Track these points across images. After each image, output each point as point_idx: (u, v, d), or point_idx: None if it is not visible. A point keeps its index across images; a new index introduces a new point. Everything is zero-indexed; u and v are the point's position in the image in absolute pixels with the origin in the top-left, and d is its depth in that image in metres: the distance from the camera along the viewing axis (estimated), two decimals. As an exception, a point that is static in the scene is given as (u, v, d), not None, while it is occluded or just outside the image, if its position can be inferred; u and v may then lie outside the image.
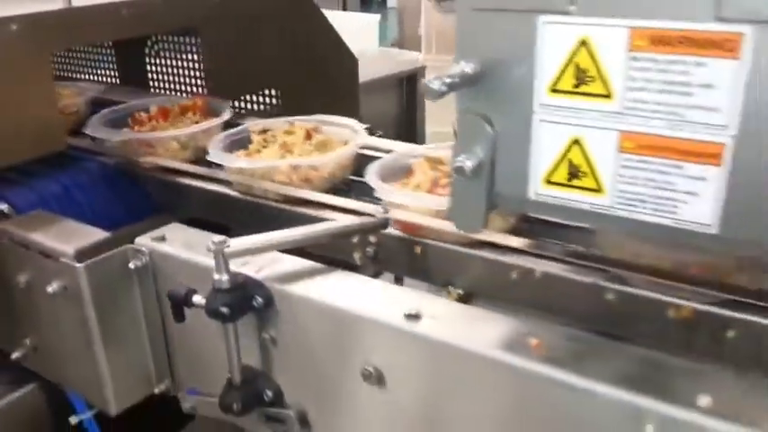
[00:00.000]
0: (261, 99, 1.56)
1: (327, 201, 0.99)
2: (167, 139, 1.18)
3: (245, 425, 0.91)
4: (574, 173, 0.60)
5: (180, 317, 0.86)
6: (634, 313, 0.78)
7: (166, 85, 1.73)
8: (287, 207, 1.02)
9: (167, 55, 1.70)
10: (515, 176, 0.63)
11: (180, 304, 0.84)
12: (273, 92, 1.54)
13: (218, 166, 1.08)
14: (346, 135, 1.15)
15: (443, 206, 0.87)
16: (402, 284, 1.06)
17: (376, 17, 3.57)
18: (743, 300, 0.70)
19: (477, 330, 0.72)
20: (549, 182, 0.62)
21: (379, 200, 0.96)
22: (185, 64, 1.63)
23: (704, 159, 0.54)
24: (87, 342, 0.94)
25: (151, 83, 1.78)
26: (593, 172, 0.59)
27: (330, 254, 0.97)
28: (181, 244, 0.92)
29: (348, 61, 1.58)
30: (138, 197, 1.18)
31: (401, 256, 0.93)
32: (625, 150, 0.57)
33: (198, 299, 0.82)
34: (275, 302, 0.83)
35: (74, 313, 0.93)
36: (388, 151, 1.10)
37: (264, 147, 1.13)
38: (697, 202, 0.55)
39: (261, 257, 0.87)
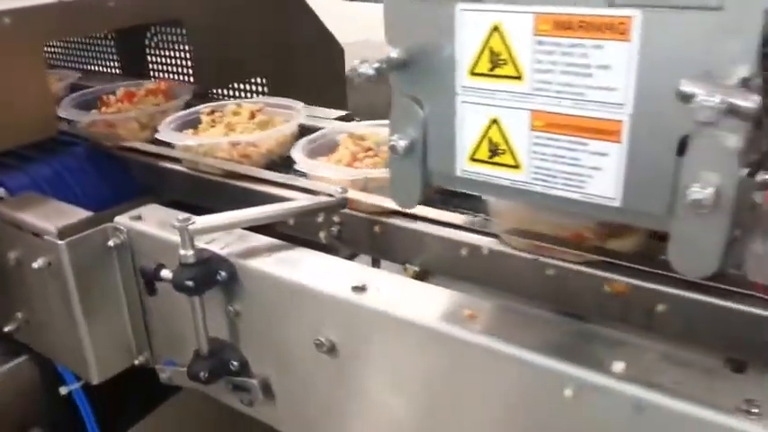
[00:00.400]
0: (249, 88, 1.61)
1: (262, 175, 1.07)
2: (127, 120, 1.26)
3: (214, 393, 0.96)
4: (494, 150, 0.64)
5: (152, 290, 0.91)
6: (573, 288, 0.82)
7: (166, 75, 1.78)
8: (241, 184, 1.08)
9: (165, 46, 1.76)
10: (444, 154, 0.67)
11: (151, 279, 0.89)
12: (261, 80, 1.59)
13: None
14: (290, 115, 1.23)
15: (357, 176, 0.96)
16: (379, 266, 1.11)
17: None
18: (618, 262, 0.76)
19: (418, 302, 0.76)
20: (473, 159, 0.66)
21: (303, 173, 1.03)
22: (181, 54, 1.68)
23: (605, 136, 0.57)
24: (70, 315, 1.00)
25: (151, 73, 1.84)
26: (510, 149, 0.63)
27: (299, 234, 1.01)
28: (155, 223, 0.97)
29: (334, 50, 1.62)
30: (125, 179, 1.24)
31: (362, 235, 0.97)
32: (536, 128, 0.61)
33: (166, 273, 0.87)
34: (239, 277, 0.88)
35: (57, 288, 0.99)
36: (325, 129, 1.18)
37: (212, 126, 1.21)
38: (601, 176, 0.59)
39: (229, 236, 0.92)
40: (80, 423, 1.19)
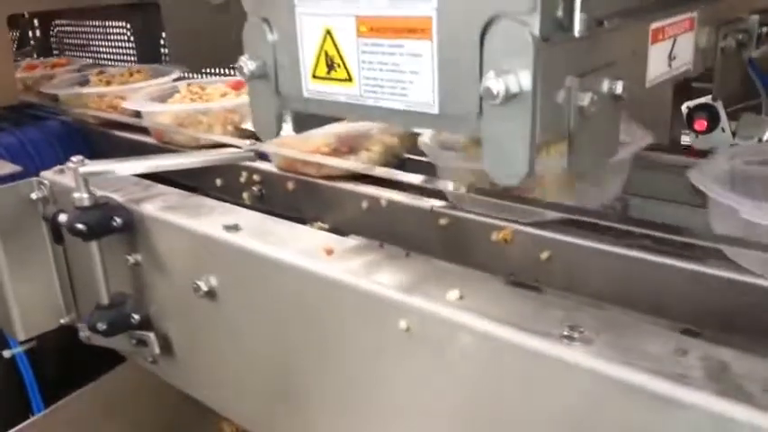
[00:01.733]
0: (230, 72, 1.62)
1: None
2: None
3: (118, 347, 0.94)
4: (330, 65, 0.61)
5: (57, 238, 0.91)
6: (464, 238, 0.77)
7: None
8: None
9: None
10: (292, 75, 0.64)
11: (55, 225, 0.89)
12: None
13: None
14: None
15: (167, 110, 1.10)
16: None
17: None
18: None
19: (283, 240, 0.73)
20: (315, 77, 0.63)
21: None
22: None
23: (418, 35, 0.53)
24: (-5, 269, 1.01)
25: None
26: (343, 62, 0.60)
27: (225, 195, 1.00)
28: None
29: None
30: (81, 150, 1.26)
31: (279, 193, 0.95)
32: (361, 35, 0.57)
33: (63, 217, 0.87)
34: (136, 225, 0.86)
35: (-17, 239, 1.01)
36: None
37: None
38: (419, 81, 0.55)
39: (135, 186, 0.91)
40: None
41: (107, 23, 2.07)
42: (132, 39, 1.98)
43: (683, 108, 0.87)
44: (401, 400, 0.63)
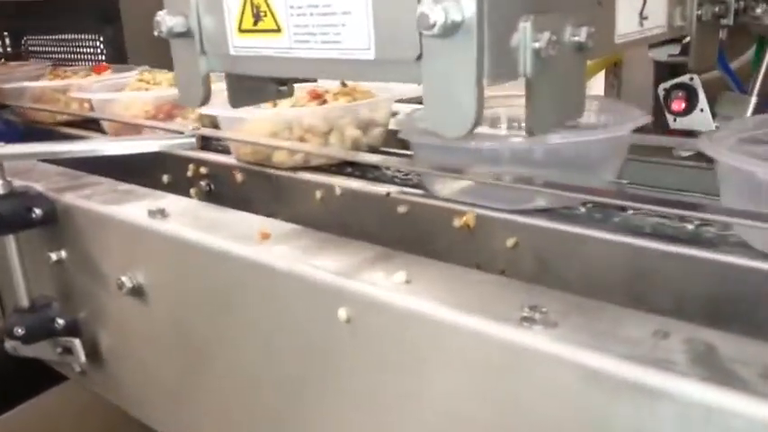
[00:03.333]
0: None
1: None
2: None
3: (43, 356, 0.85)
4: (257, 15, 0.53)
5: (-27, 235, 0.82)
6: (425, 226, 0.69)
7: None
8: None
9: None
10: (218, 32, 0.57)
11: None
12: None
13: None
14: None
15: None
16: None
17: None
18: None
19: (214, 225, 0.64)
20: (241, 30, 0.55)
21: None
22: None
23: (350, -33, 0.46)
24: None
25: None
26: (270, 9, 0.52)
27: (174, 192, 0.91)
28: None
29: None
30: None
31: (227, 187, 0.87)
32: (288, -25, 0.50)
33: (-27, 209, 0.78)
34: (60, 217, 0.77)
35: None
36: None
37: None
38: (353, 23, 0.47)
39: (62, 176, 0.82)
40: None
41: (78, 36, 2.01)
42: (104, 51, 1.91)
43: (660, 90, 0.80)
44: (349, 395, 0.54)
